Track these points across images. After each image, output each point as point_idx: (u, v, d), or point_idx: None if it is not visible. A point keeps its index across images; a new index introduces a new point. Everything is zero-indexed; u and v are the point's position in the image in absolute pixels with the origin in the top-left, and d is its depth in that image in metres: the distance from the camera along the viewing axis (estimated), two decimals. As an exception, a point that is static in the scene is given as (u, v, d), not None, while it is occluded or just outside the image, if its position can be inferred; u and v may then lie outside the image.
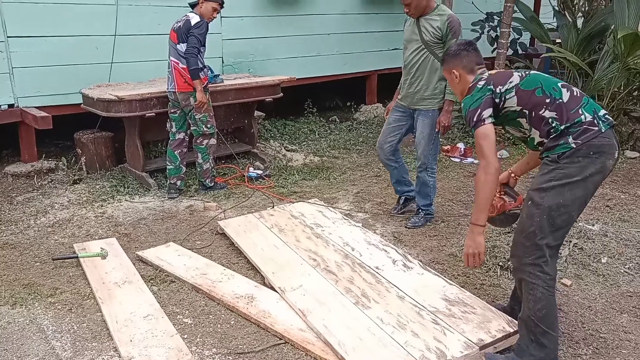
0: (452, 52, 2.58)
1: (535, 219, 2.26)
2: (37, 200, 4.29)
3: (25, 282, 3.13)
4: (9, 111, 4.65)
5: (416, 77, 3.74)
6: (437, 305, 2.84)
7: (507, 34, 5.99)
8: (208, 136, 4.44)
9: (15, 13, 4.53)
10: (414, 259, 3.38)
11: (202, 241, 3.72)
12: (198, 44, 4.12)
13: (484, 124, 2.33)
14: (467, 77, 2.50)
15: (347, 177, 5.10)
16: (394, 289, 3.00)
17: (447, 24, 3.57)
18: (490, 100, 2.35)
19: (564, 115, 2.26)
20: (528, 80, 2.36)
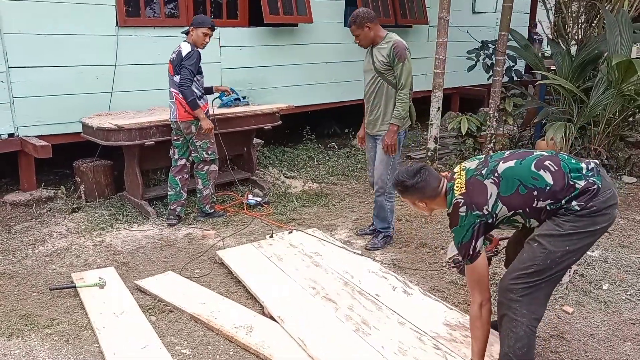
0: (411, 185, 2.45)
1: (537, 261, 2.25)
2: (36, 229, 4.28)
3: (22, 313, 3.10)
4: (9, 140, 4.67)
5: (375, 105, 3.88)
6: (438, 331, 2.85)
7: (502, 61, 6.08)
8: (209, 162, 4.47)
9: (17, 44, 4.58)
10: (414, 285, 3.38)
11: (201, 270, 3.69)
12: (190, 75, 4.14)
13: (479, 255, 2.32)
14: (434, 201, 2.47)
15: (346, 203, 5.11)
16: (395, 315, 3.00)
17: (393, 49, 3.70)
18: (481, 228, 2.30)
19: (559, 196, 2.23)
20: (505, 183, 2.27)
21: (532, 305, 2.27)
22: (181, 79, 4.13)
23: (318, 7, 6.59)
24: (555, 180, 2.23)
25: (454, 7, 6.52)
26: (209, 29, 4.24)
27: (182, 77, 4.13)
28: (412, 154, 6.81)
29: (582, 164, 2.29)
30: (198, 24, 4.21)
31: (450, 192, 2.38)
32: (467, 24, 8.47)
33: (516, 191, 2.26)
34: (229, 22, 6.05)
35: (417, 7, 7.90)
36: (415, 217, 4.72)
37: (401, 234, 4.33)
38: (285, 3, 6.21)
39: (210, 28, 4.25)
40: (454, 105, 9.19)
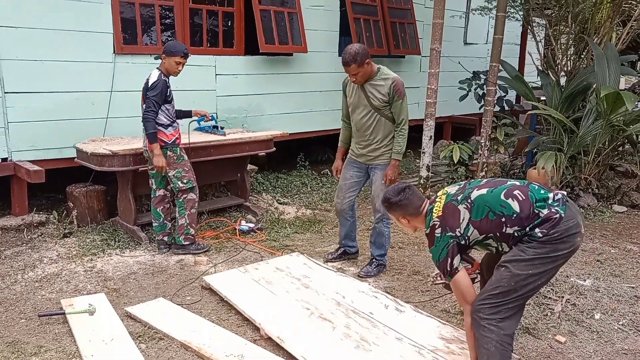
0: (395, 202, 2.70)
1: (502, 283, 2.42)
2: (26, 254, 4.24)
3: (9, 340, 3.05)
4: (2, 165, 4.67)
5: (372, 139, 3.91)
6: (436, 344, 2.93)
7: (493, 92, 6.18)
8: (186, 191, 4.32)
9: (13, 70, 4.62)
10: (405, 303, 3.42)
11: (192, 297, 3.67)
12: (154, 106, 4.04)
13: (457, 271, 2.50)
14: (416, 219, 2.68)
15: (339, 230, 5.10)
16: (391, 331, 3.07)
17: (393, 87, 3.74)
18: (455, 248, 2.48)
19: (524, 224, 2.39)
20: (476, 209, 2.46)
21: (501, 322, 2.42)
22: (144, 110, 4.06)
23: (313, 37, 6.70)
24: (522, 208, 2.40)
25: (446, 38, 6.66)
26: (182, 57, 4.12)
27: (145, 109, 4.05)
28: (405, 181, 6.84)
29: (549, 194, 2.45)
30: (170, 53, 4.09)
31: (429, 214, 2.58)
32: (459, 55, 8.65)
33: (486, 217, 2.44)
34: (225, 50, 6.13)
35: (410, 38, 8.05)
36: (408, 244, 4.73)
37: (394, 261, 4.33)
38: (281, 33, 6.32)
39: (183, 56, 4.13)
40: (446, 133, 9.29)
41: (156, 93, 4.06)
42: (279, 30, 6.29)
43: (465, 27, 9.19)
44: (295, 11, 6.50)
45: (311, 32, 6.65)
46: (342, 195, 4.09)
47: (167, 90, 4.14)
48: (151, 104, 4.05)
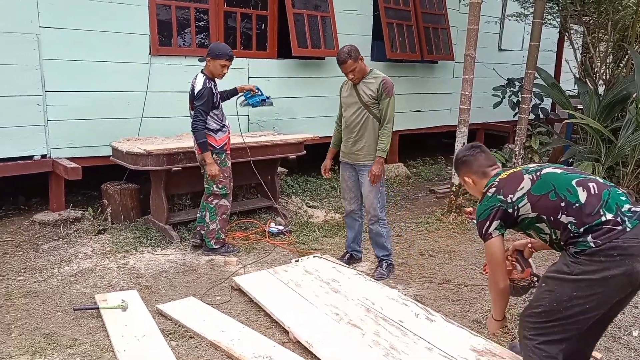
0: (460, 159, 2.56)
1: (543, 302, 2.24)
2: (62, 249, 4.34)
3: (45, 332, 3.13)
4: (42, 161, 4.80)
5: (359, 136, 3.98)
6: (467, 356, 2.86)
7: (528, 99, 6.07)
8: (219, 196, 4.33)
9: (54, 69, 4.75)
10: (435, 312, 3.37)
11: (222, 297, 3.69)
12: (202, 115, 4.07)
13: (491, 237, 2.34)
14: (481, 181, 2.50)
15: (367, 235, 5.07)
16: (421, 341, 3.02)
17: (382, 85, 3.88)
18: (498, 212, 2.32)
19: (582, 219, 2.16)
20: (540, 183, 2.28)
21: (546, 345, 2.26)
22: (194, 121, 4.09)
23: (345, 41, 6.62)
24: (588, 201, 2.18)
25: (481, 45, 6.58)
26: (227, 60, 4.12)
27: (194, 118, 4.08)
28: (436, 188, 6.78)
29: (628, 204, 2.18)
30: (215, 55, 4.09)
31: (495, 177, 2.43)
32: (493, 61, 8.53)
33: (546, 195, 2.24)
34: (258, 53, 6.19)
35: (444, 43, 7.98)
36: (438, 252, 4.67)
37: (424, 269, 4.29)
38: (314, 37, 6.34)
39: (228, 59, 4.13)
40: (479, 141, 9.15)
41: (203, 102, 4.07)
42: (312, 34, 6.32)
43: (500, 33, 9.06)
44: (328, 15, 6.52)
45: (344, 36, 6.65)
46: (348, 196, 4.19)
47: (213, 97, 4.14)
48: (199, 114, 4.07)
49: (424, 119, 8.07)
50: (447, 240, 4.99)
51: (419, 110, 7.92)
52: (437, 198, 6.53)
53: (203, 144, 4.12)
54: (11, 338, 3.06)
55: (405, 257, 4.54)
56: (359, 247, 4.38)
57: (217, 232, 4.39)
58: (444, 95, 8.29)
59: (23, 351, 2.91)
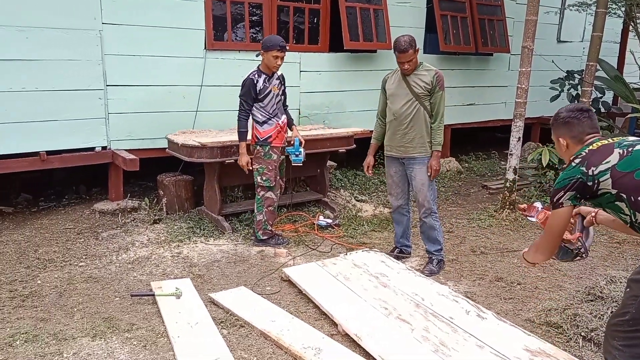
0: (562, 118, 2.35)
1: (630, 309, 2.10)
2: (120, 237, 4.53)
3: (105, 316, 3.28)
4: (102, 153, 5.01)
5: (410, 128, 3.94)
6: (520, 355, 2.80)
7: (589, 92, 5.83)
8: (264, 189, 4.40)
9: (114, 64, 4.94)
10: (487, 309, 3.31)
11: (272, 287, 3.76)
12: (244, 105, 4.20)
13: (560, 206, 2.22)
14: (575, 147, 2.30)
15: (417, 230, 5.02)
16: (472, 338, 2.98)
17: (436, 78, 3.88)
18: (576, 184, 2.17)
19: None
20: (628, 159, 2.10)
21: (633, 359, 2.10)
22: (239, 110, 4.23)
23: (398, 34, 6.57)
24: None
25: (538, 36, 6.35)
26: (279, 51, 4.15)
27: (239, 108, 4.23)
28: (489, 184, 6.62)
29: None
30: (267, 47, 4.14)
31: (588, 145, 2.25)
32: (551, 53, 8.22)
33: (631, 173, 2.08)
34: (310, 47, 6.21)
35: (499, 35, 7.76)
36: (491, 249, 4.57)
37: (475, 266, 4.21)
38: (366, 30, 6.30)
39: (280, 49, 4.15)
40: (535, 135, 8.88)
41: (243, 92, 4.21)
42: (364, 27, 6.28)
43: (559, 24, 8.71)
44: (380, 8, 6.46)
45: (396, 29, 6.57)
46: (395, 192, 4.17)
47: (254, 88, 4.20)
48: (240, 104, 4.22)
49: (477, 112, 7.88)
50: (499, 237, 4.87)
51: (472, 103, 7.74)
52: (489, 194, 6.38)
53: (240, 134, 4.24)
54: (74, 320, 3.22)
55: (456, 253, 4.47)
56: (408, 242, 4.35)
57: (264, 223, 4.46)
58: (499, 89, 8.06)
59: (84, 333, 3.06)
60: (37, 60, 4.56)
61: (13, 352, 2.86)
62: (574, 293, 3.72)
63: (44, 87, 4.64)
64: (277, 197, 4.51)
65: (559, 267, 4.19)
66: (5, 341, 2.95)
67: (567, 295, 3.70)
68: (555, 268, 4.17)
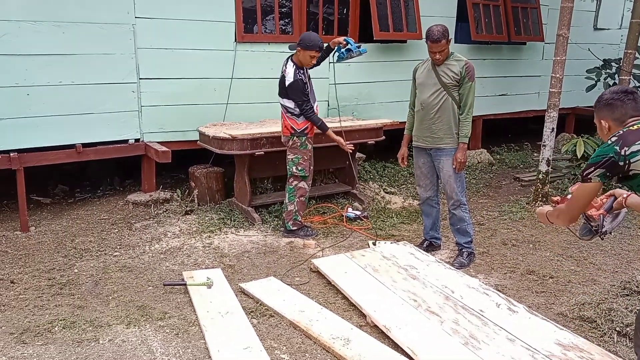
0: (605, 100, 2.30)
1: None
2: (153, 227, 4.62)
3: (139, 304, 3.37)
4: (135, 145, 5.12)
5: (437, 118, 3.91)
6: (551, 350, 2.77)
7: (627, 82, 5.65)
8: (298, 178, 4.43)
9: (147, 57, 5.02)
10: (518, 303, 3.27)
11: (301, 278, 3.79)
12: (304, 104, 4.22)
13: (589, 181, 2.20)
14: (616, 129, 2.26)
15: (446, 223, 4.97)
16: (502, 331, 2.95)
17: (465, 68, 3.82)
18: (607, 163, 2.15)
19: None
20: None
21: None
22: (301, 109, 4.24)
23: (429, 24, 6.45)
24: None
25: (574, 24, 6.18)
26: (317, 52, 4.19)
27: (300, 108, 4.23)
28: (521, 176, 6.50)
29: None
30: (306, 47, 4.15)
31: (629, 126, 2.22)
32: (588, 41, 7.97)
33: None
34: (339, 38, 6.17)
35: (533, 23, 7.58)
36: (522, 242, 4.50)
37: (506, 259, 4.15)
38: (396, 20, 6.24)
39: (319, 50, 4.20)
40: (569, 126, 8.66)
41: (296, 92, 4.21)
42: (394, 17, 6.22)
43: (596, 10, 8.44)
44: (411, -3, 6.38)
45: (427, 19, 6.48)
46: (423, 183, 4.14)
47: (304, 87, 4.23)
48: (301, 103, 4.22)
49: (510, 103, 7.73)
50: (531, 230, 4.79)
51: (504, 94, 7.60)
52: (522, 186, 6.27)
53: (321, 126, 4.32)
54: (109, 308, 3.32)
55: (486, 246, 4.41)
56: (437, 235, 4.32)
57: (295, 213, 4.49)
58: (532, 79, 7.88)
59: (119, 321, 3.15)
60: (73, 54, 4.68)
61: (52, 338, 2.96)
62: (609, 287, 3.64)
63: (80, 80, 4.75)
64: (310, 187, 4.54)
65: (593, 260, 4.11)
66: (44, 327, 3.06)
67: (602, 289, 3.62)
68: (589, 262, 4.09)
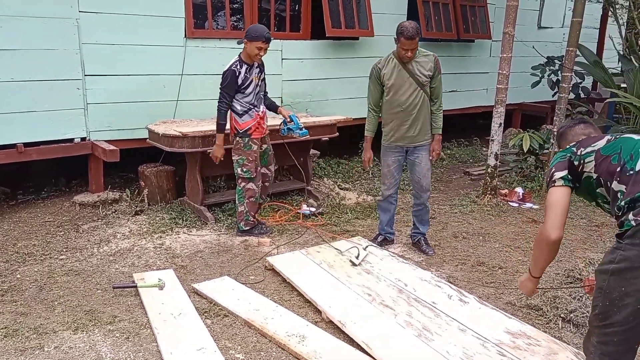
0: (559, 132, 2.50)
1: (598, 302, 2.00)
2: (101, 229, 4.48)
3: (87, 309, 3.25)
4: (81, 144, 4.94)
5: (417, 118, 3.95)
6: (501, 338, 2.86)
7: (568, 78, 5.87)
8: (245, 180, 4.34)
9: (93, 53, 4.85)
10: (469, 294, 3.35)
11: (256, 276, 3.75)
12: (224, 98, 4.10)
13: (554, 185, 2.20)
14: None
15: (400, 217, 5.05)
16: (454, 322, 3.02)
17: (435, 63, 3.88)
18: (565, 163, 2.21)
19: (630, 190, 1.97)
20: (611, 144, 2.15)
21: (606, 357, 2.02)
22: (218, 102, 4.14)
23: (380, 21, 6.61)
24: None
25: (519, 22, 6.38)
26: (264, 42, 4.03)
27: (218, 100, 4.13)
28: (471, 170, 6.67)
29: None
30: (252, 37, 4.01)
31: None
32: (532, 39, 8.26)
33: (610, 156, 2.11)
34: (292, 34, 6.16)
35: (481, 21, 7.78)
36: (472, 234, 4.62)
37: (457, 251, 4.25)
38: (348, 17, 6.27)
39: (265, 41, 4.04)
40: (516, 121, 8.95)
41: (224, 84, 4.10)
42: (346, 14, 6.25)
43: (540, 10, 8.75)
44: (362, -5, 6.42)
45: (378, 16, 6.56)
46: (389, 181, 4.16)
47: (236, 80, 4.10)
48: (221, 96, 4.12)
49: (460, 99, 7.92)
50: (481, 223, 4.92)
51: (454, 90, 7.77)
52: (471, 180, 6.43)
53: (218, 126, 4.17)
54: (55, 314, 3.19)
55: (438, 239, 4.50)
56: (392, 230, 4.37)
57: (246, 214, 4.43)
58: (480, 75, 8.10)
59: (66, 327, 3.03)
60: (13, 50, 4.46)
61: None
62: (554, 276, 3.78)
63: (21, 77, 4.54)
64: (259, 187, 4.48)
65: (539, 251, 4.25)
66: (-16, 336, 2.91)
67: (547, 278, 3.75)
68: (536, 252, 4.23)
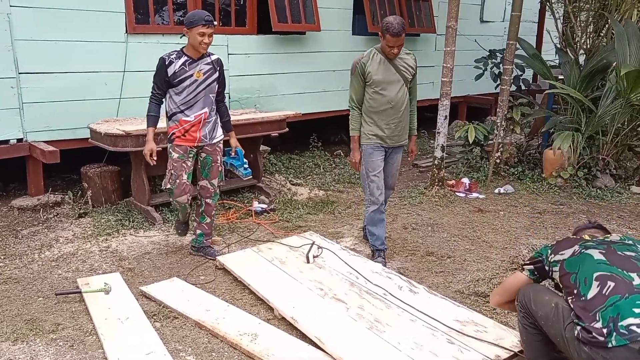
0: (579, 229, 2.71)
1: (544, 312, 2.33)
2: (42, 234, 4.29)
3: (27, 318, 3.10)
4: (18, 145, 4.70)
5: (404, 115, 3.84)
6: (450, 325, 2.93)
7: (509, 70, 6.06)
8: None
9: (27, 50, 4.62)
10: (419, 284, 3.42)
11: (206, 276, 3.69)
12: (154, 89, 3.64)
13: (521, 270, 2.56)
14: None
15: (352, 211, 5.09)
16: (405, 313, 3.07)
17: (415, 61, 3.83)
18: (537, 264, 2.47)
19: (583, 314, 2.10)
20: (573, 260, 2.31)
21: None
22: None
23: (326, 16, 6.61)
24: (592, 301, 2.10)
25: (462, 16, 6.53)
26: (204, 26, 3.46)
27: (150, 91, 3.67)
28: (419, 162, 6.79)
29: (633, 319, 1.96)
30: (190, 24, 3.47)
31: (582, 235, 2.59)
32: (475, 33, 8.49)
33: (569, 274, 2.28)
34: (238, 29, 6.08)
35: (425, 16, 7.91)
36: (421, 225, 4.70)
37: (407, 242, 4.32)
38: (294, 11, 6.24)
39: (205, 24, 3.46)
40: (461, 113, 9.18)
41: (155, 73, 3.63)
42: (292, 8, 6.21)
43: (481, 4, 9.00)
44: (308, -11, 6.40)
45: (324, 11, 6.56)
46: (381, 184, 3.84)
47: (166, 70, 3.56)
48: (153, 86, 3.66)
49: (407, 93, 8.03)
50: (429, 214, 5.02)
51: (401, 84, 7.88)
52: (420, 172, 6.55)
53: (148, 117, 3.64)
54: (-7, 325, 3.03)
55: (388, 231, 4.55)
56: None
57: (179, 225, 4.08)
58: (426, 69, 8.23)
59: (4, 338, 2.89)
60: (-63, 47, 4.20)
61: None
62: (500, 263, 3.90)
63: (-53, 76, 4.28)
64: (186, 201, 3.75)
65: (485, 239, 4.38)
66: None
67: (494, 265, 3.87)
68: (482, 240, 4.36)
